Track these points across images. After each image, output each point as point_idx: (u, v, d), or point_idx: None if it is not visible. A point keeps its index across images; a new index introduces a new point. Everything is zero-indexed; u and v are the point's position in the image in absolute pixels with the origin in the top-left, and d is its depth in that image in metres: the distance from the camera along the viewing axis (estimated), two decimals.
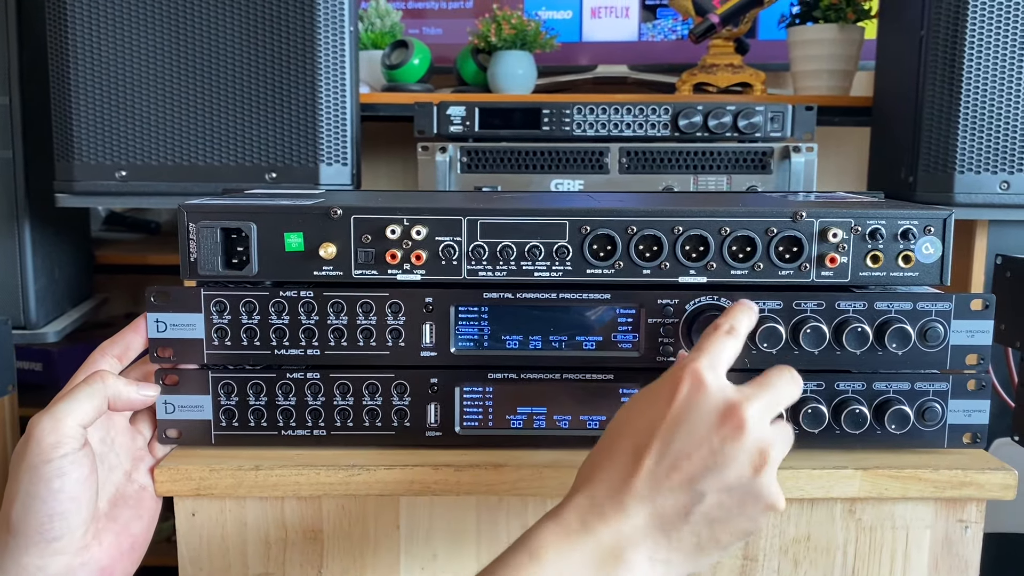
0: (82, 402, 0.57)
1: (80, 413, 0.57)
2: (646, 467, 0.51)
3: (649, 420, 0.52)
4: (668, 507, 0.50)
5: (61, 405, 0.56)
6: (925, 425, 0.65)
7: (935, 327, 0.63)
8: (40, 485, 0.55)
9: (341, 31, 1.03)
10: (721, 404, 0.51)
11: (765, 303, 0.64)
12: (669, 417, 0.51)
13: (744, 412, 0.51)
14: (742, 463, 0.50)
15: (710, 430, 0.50)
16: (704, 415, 0.51)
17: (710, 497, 0.50)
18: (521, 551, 0.50)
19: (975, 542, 0.65)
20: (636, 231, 0.63)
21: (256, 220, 0.63)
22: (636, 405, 0.54)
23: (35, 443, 0.55)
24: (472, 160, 1.08)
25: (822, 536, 0.65)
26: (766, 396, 0.52)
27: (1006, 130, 1.02)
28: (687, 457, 0.50)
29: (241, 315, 0.64)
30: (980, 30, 1.01)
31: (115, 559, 0.60)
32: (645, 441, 0.51)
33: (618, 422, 0.55)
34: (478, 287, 0.65)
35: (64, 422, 0.56)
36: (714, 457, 0.50)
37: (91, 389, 0.58)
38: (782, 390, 0.54)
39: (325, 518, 0.65)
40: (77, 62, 1.03)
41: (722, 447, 0.50)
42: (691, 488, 0.50)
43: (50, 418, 0.56)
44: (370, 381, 0.65)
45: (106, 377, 0.59)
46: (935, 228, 0.64)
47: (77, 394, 0.57)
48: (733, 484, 0.50)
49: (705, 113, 1.07)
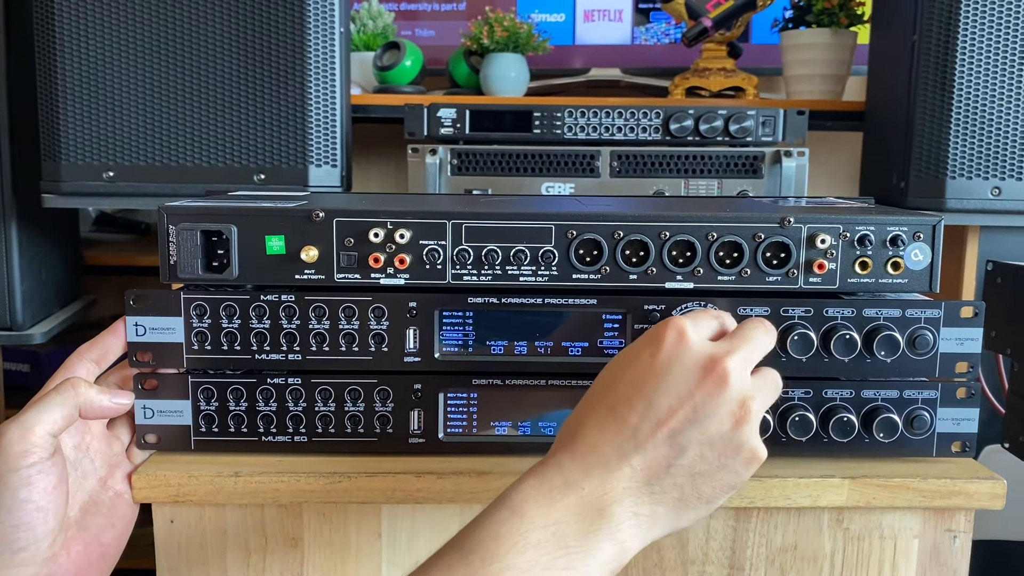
0: (52, 410, 0.56)
1: (49, 422, 0.55)
2: (630, 424, 0.51)
3: (632, 376, 0.52)
4: (651, 461, 0.50)
5: (30, 413, 0.55)
6: (914, 434, 0.64)
7: (924, 334, 0.63)
8: (5, 495, 0.54)
9: (331, 32, 1.02)
10: (703, 358, 0.51)
11: (752, 309, 0.63)
12: (652, 372, 0.51)
13: (726, 365, 0.51)
14: (723, 416, 0.50)
15: (693, 384, 0.51)
16: (686, 369, 0.51)
17: (692, 450, 0.50)
18: (503, 507, 0.49)
19: (964, 552, 0.64)
20: (622, 236, 0.63)
21: (237, 222, 0.62)
22: (620, 361, 0.54)
23: (2, 452, 0.54)
24: (462, 162, 1.07)
25: (809, 545, 0.64)
26: (745, 348, 0.52)
27: (997, 136, 1.02)
28: (670, 412, 0.50)
29: (221, 319, 0.63)
30: (972, 36, 1.00)
31: (83, 569, 0.59)
32: (629, 397, 0.51)
33: (602, 379, 0.54)
34: (463, 292, 0.64)
35: (33, 431, 0.55)
36: (696, 411, 0.50)
37: (62, 397, 0.57)
38: (759, 340, 0.54)
39: (306, 526, 0.64)
40: (64, 62, 1.02)
41: (704, 401, 0.50)
42: (673, 442, 0.50)
43: (18, 426, 0.54)
44: (352, 387, 0.64)
45: (77, 384, 0.58)
46: (924, 235, 0.63)
47: (47, 402, 0.56)
48: (714, 437, 0.50)
49: (696, 117, 1.07)
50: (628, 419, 0.51)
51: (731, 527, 0.64)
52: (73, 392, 0.57)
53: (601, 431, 0.51)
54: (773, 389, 0.54)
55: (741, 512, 0.64)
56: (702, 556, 0.64)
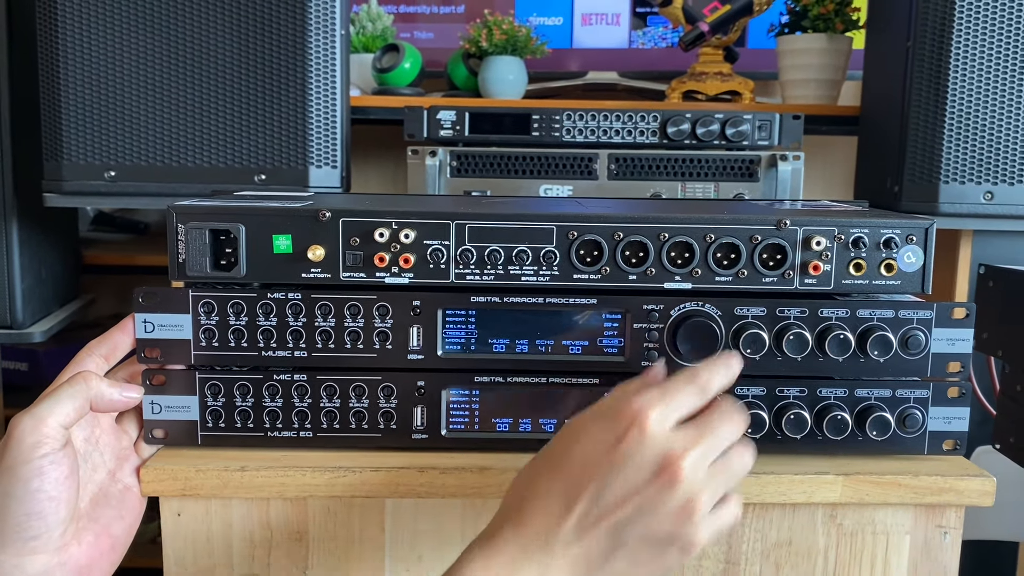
0: (64, 402, 0.57)
1: (61, 414, 0.57)
2: (577, 512, 0.52)
3: (586, 456, 0.53)
4: (591, 551, 0.52)
5: (43, 405, 0.56)
6: (906, 432, 0.65)
7: (916, 335, 0.64)
8: (18, 485, 0.55)
9: (332, 34, 1.03)
10: (660, 457, 0.51)
11: (749, 309, 0.64)
12: (606, 460, 0.52)
13: (681, 464, 0.51)
14: (668, 513, 0.51)
15: (645, 482, 0.51)
16: (642, 466, 0.51)
17: (632, 543, 0.52)
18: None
19: (954, 548, 0.66)
20: (622, 237, 0.64)
21: (245, 222, 0.63)
22: (577, 432, 0.54)
23: (15, 443, 0.55)
24: (462, 164, 1.08)
25: (803, 541, 0.66)
26: (705, 443, 0.52)
27: (990, 141, 1.03)
28: (619, 505, 0.51)
29: (229, 316, 0.64)
30: (965, 42, 1.02)
31: (94, 559, 0.60)
32: (580, 481, 0.52)
33: (557, 446, 0.55)
34: (465, 291, 0.65)
35: (45, 422, 0.56)
36: (642, 508, 0.51)
37: (74, 390, 0.58)
38: (722, 433, 0.53)
39: (310, 519, 0.65)
40: (67, 61, 1.03)
41: (652, 498, 0.51)
42: (615, 535, 0.52)
43: (31, 418, 0.56)
44: (357, 383, 0.66)
45: (89, 378, 0.59)
46: (917, 237, 0.64)
47: (59, 394, 0.57)
48: (656, 533, 0.52)
49: (693, 121, 1.08)
50: (574, 506, 0.52)
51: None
52: (85, 385, 0.58)
53: (547, 513, 0.53)
54: (730, 477, 0.54)
55: None
56: (699, 551, 0.65)
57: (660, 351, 0.65)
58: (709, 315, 0.65)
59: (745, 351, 0.64)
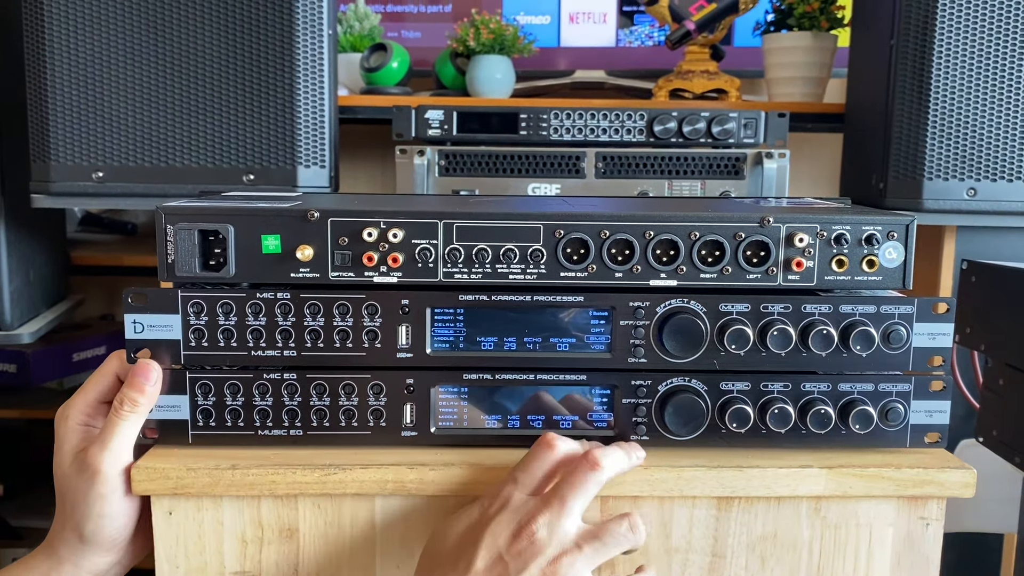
0: (131, 436, 0.65)
1: (129, 445, 0.65)
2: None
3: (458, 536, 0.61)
4: None
5: (117, 440, 0.64)
6: (888, 425, 0.66)
7: (898, 330, 0.65)
8: (112, 506, 0.64)
9: (320, 33, 1.03)
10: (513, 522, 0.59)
11: (733, 306, 0.65)
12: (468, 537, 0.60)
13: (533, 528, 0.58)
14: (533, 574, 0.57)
15: (503, 547, 0.58)
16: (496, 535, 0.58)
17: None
18: None
19: (936, 539, 0.67)
20: (609, 235, 0.65)
21: (234, 222, 0.64)
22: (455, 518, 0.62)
23: (103, 476, 0.63)
24: (450, 163, 1.09)
25: (788, 533, 0.67)
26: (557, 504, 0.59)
27: (973, 138, 1.05)
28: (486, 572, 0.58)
29: (218, 316, 0.65)
30: (948, 40, 1.03)
31: (135, 555, 0.69)
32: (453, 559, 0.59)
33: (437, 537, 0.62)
34: (454, 289, 0.66)
35: (122, 457, 0.64)
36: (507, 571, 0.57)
37: (137, 419, 0.65)
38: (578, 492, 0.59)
39: (301, 517, 0.66)
40: (54, 61, 1.03)
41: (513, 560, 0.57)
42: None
43: (109, 454, 0.63)
44: (346, 382, 0.66)
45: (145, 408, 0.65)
46: (898, 234, 0.65)
47: (127, 429, 0.64)
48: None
49: (680, 119, 1.09)
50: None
51: (713, 516, 0.66)
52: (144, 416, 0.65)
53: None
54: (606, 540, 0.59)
55: (723, 501, 0.66)
56: (685, 544, 0.66)
57: (646, 347, 0.66)
58: (694, 312, 0.65)
59: (730, 347, 0.65)
